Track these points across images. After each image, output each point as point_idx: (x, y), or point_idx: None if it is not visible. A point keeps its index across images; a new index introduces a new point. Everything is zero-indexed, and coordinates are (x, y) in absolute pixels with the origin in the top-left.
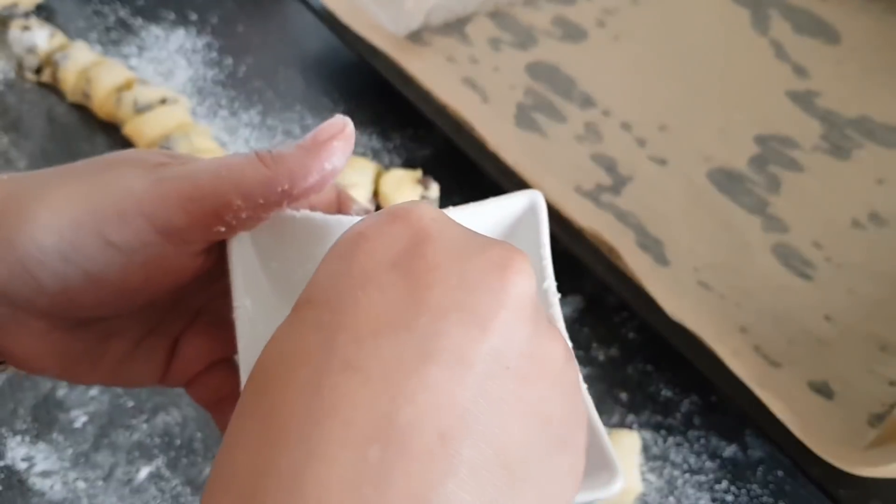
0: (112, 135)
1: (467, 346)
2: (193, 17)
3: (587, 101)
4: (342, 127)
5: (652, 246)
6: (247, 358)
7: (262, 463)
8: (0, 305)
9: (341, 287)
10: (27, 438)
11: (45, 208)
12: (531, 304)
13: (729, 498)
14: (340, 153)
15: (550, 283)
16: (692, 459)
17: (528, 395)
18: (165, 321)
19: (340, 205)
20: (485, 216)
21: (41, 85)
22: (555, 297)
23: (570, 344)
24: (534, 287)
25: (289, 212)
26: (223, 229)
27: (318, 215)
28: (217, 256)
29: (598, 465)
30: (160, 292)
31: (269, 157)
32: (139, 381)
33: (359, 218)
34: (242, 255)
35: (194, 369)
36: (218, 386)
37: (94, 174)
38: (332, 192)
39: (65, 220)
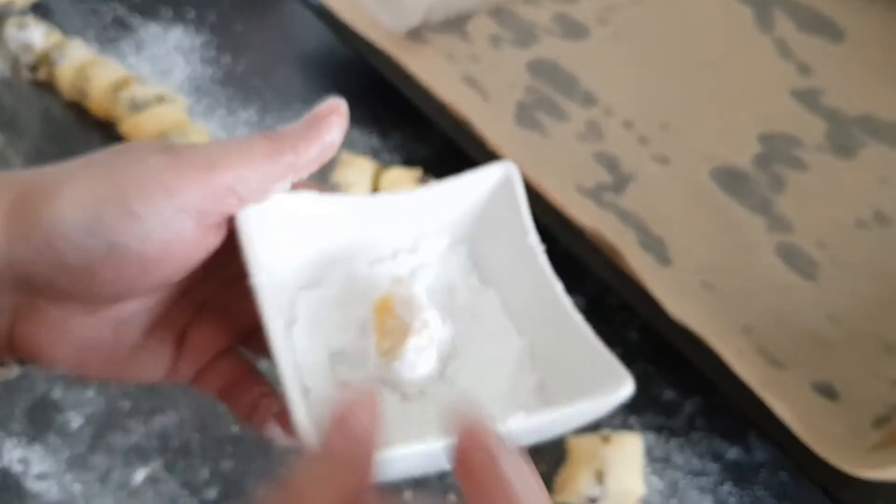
0: (109, 133)
1: None
2: (191, 14)
3: (588, 100)
4: (338, 105)
5: (654, 246)
6: (272, 326)
7: None
8: (21, 293)
9: None
10: (23, 440)
11: (68, 185)
12: None
13: (732, 500)
14: (337, 128)
15: (533, 237)
16: (695, 461)
17: None
18: (173, 312)
19: None
20: (462, 189)
21: (37, 83)
22: (540, 247)
23: (570, 301)
24: None
25: (289, 193)
26: (235, 201)
27: (313, 196)
28: (225, 239)
29: (605, 375)
30: (175, 269)
31: (273, 134)
32: (149, 373)
33: (348, 197)
34: (251, 228)
35: (201, 360)
36: (227, 374)
37: (113, 157)
38: (315, 190)
39: (87, 194)
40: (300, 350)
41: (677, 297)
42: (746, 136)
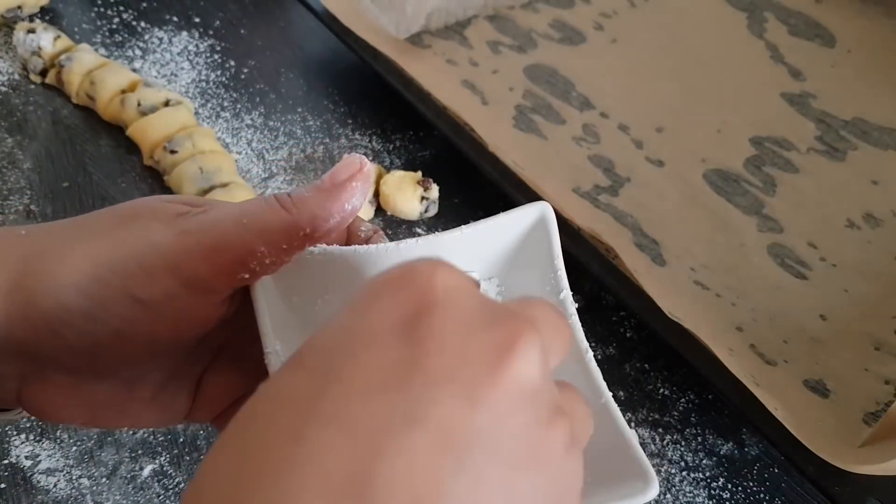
0: (116, 136)
1: (455, 420)
2: (196, 20)
3: (585, 103)
4: (359, 166)
5: (649, 246)
6: None
7: (234, 502)
8: (25, 363)
9: (345, 341)
10: (31, 436)
11: (67, 267)
12: (531, 390)
13: (725, 495)
14: (360, 193)
15: (566, 293)
16: (689, 457)
17: (513, 482)
18: (188, 362)
19: (351, 232)
20: (495, 231)
21: (46, 87)
22: (572, 306)
23: (584, 341)
24: (537, 372)
25: (307, 249)
26: (247, 276)
27: (335, 249)
28: (240, 300)
29: (631, 474)
30: (185, 339)
31: (289, 202)
32: (165, 421)
33: (372, 247)
34: (267, 298)
35: (220, 406)
36: None
37: (114, 229)
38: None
39: (89, 278)
40: None
41: (671, 296)
42: (739, 138)
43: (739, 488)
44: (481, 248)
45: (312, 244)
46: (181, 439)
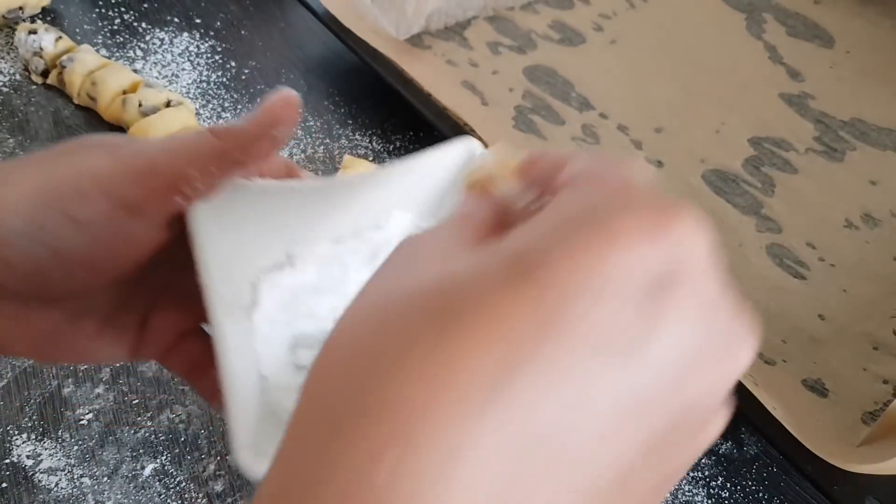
0: None
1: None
2: (197, 21)
3: (585, 104)
4: (288, 97)
5: None
6: (222, 328)
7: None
8: None
9: (583, 283)
10: (33, 436)
11: (9, 193)
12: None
13: (724, 494)
14: (287, 119)
15: None
16: None
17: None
18: (133, 297)
19: (290, 175)
20: (426, 168)
21: (48, 87)
22: None
23: None
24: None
25: (242, 181)
26: (180, 199)
27: (270, 182)
28: (179, 230)
29: None
30: (127, 266)
31: (219, 129)
32: (111, 357)
33: (309, 182)
34: (203, 225)
35: (165, 341)
36: (191, 354)
37: (54, 157)
38: (282, 165)
39: (28, 200)
40: (261, 336)
41: None
42: (738, 139)
43: (738, 487)
44: (412, 185)
45: (243, 168)
46: (182, 438)
